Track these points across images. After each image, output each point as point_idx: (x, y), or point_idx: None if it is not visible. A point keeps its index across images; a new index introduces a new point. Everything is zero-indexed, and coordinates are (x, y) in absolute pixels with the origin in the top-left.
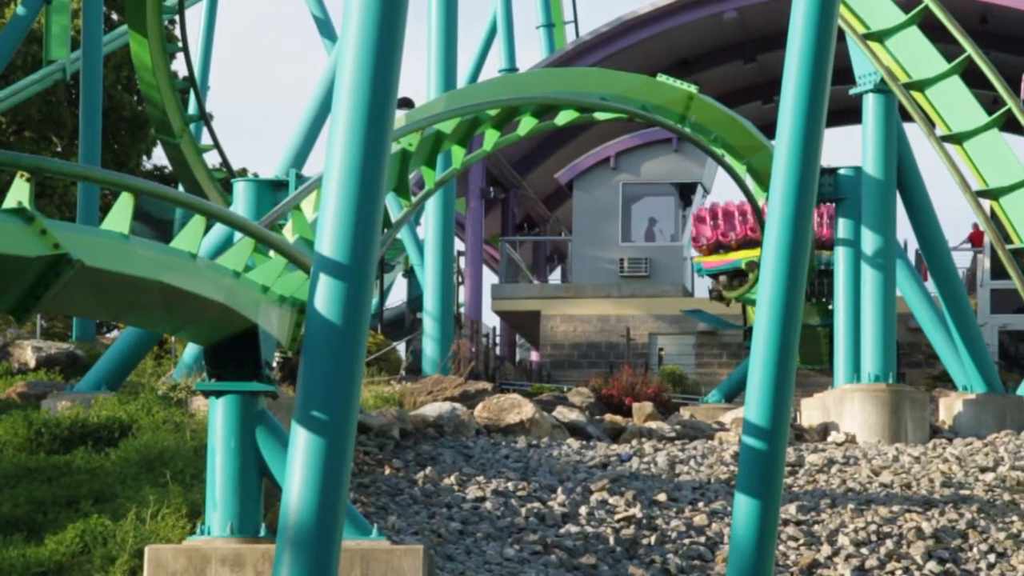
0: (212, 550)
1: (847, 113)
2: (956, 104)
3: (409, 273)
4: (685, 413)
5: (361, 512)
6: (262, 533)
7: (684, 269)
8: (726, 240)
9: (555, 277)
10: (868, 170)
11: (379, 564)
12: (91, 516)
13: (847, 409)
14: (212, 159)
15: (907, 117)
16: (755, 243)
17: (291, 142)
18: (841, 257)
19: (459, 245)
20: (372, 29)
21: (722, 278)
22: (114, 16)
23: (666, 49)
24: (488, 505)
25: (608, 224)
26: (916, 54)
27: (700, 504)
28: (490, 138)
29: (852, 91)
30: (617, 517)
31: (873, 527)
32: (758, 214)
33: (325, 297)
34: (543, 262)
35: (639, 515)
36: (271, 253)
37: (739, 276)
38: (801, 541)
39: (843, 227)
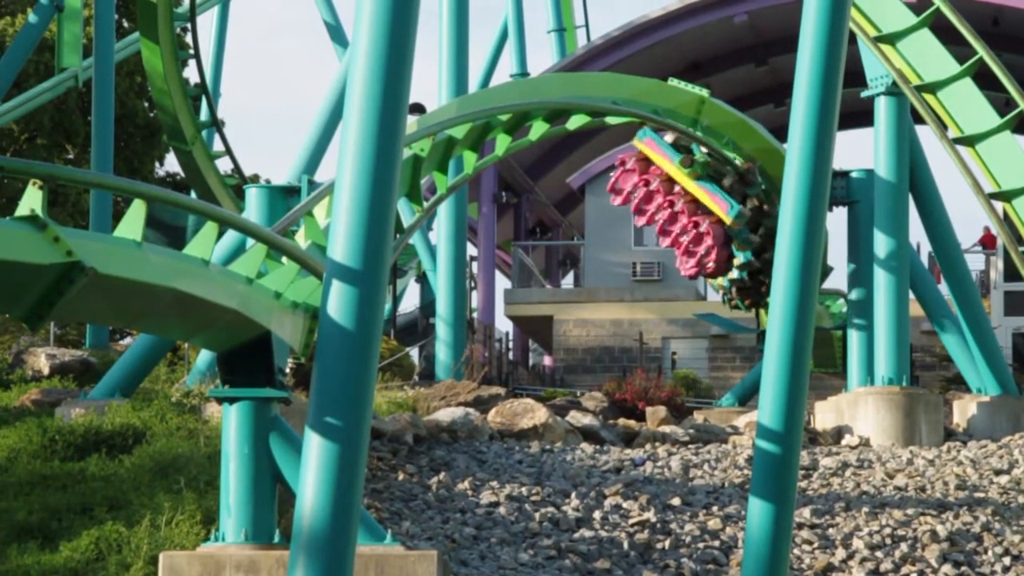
0: (226, 556)
1: (859, 116)
2: (968, 106)
3: (422, 278)
4: (699, 417)
5: (375, 518)
6: (276, 539)
7: None
8: (719, 259)
9: (568, 282)
10: (880, 173)
11: (393, 569)
12: (106, 523)
13: (861, 412)
14: (224, 165)
15: (919, 119)
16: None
17: (303, 148)
18: (854, 260)
19: (471, 250)
20: (383, 35)
21: (754, 261)
22: (125, 24)
23: (677, 53)
24: (502, 510)
25: (620, 228)
26: (928, 56)
27: (714, 508)
28: (502, 143)
29: (864, 94)
30: (631, 521)
31: (888, 530)
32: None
33: (338, 303)
34: (555, 267)
35: (653, 519)
36: (283, 259)
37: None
38: (816, 545)
39: (855, 230)
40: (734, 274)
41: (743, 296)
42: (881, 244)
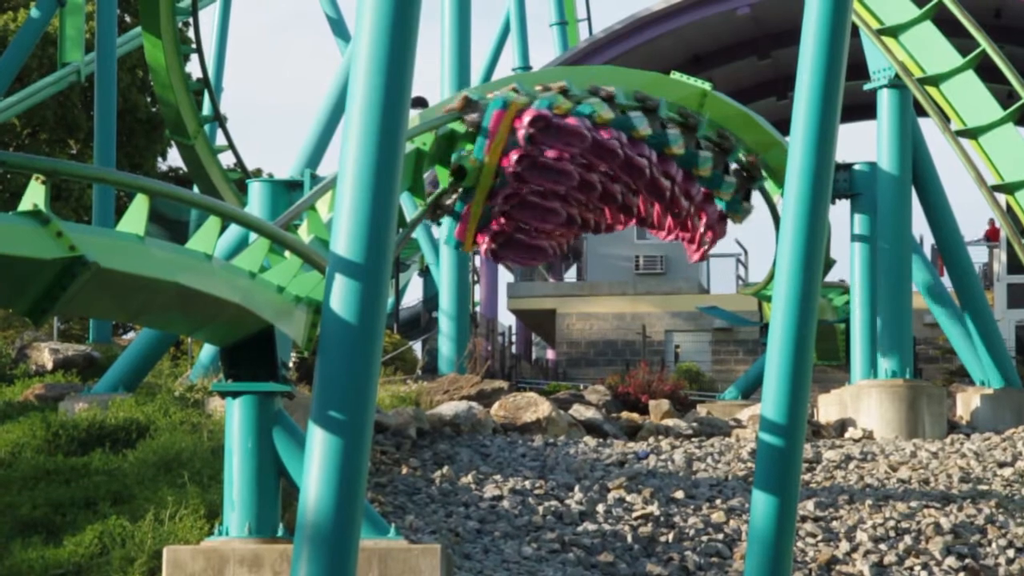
0: (230, 550)
1: (862, 109)
2: (971, 99)
3: (424, 272)
4: (702, 410)
5: (379, 511)
6: (280, 533)
7: (700, 266)
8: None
9: (570, 275)
10: (883, 166)
11: (397, 563)
12: (109, 517)
13: (864, 405)
14: (227, 160)
15: (922, 112)
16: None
17: (305, 142)
18: (857, 253)
19: None
20: (385, 28)
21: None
22: (127, 18)
23: (679, 46)
24: (505, 504)
25: None
26: (930, 49)
27: (718, 501)
28: None
29: (866, 86)
30: (635, 515)
31: (891, 523)
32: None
33: (341, 297)
34: (558, 260)
35: (657, 513)
36: (286, 253)
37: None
38: (819, 537)
39: (858, 223)
40: None
41: None
42: (884, 237)
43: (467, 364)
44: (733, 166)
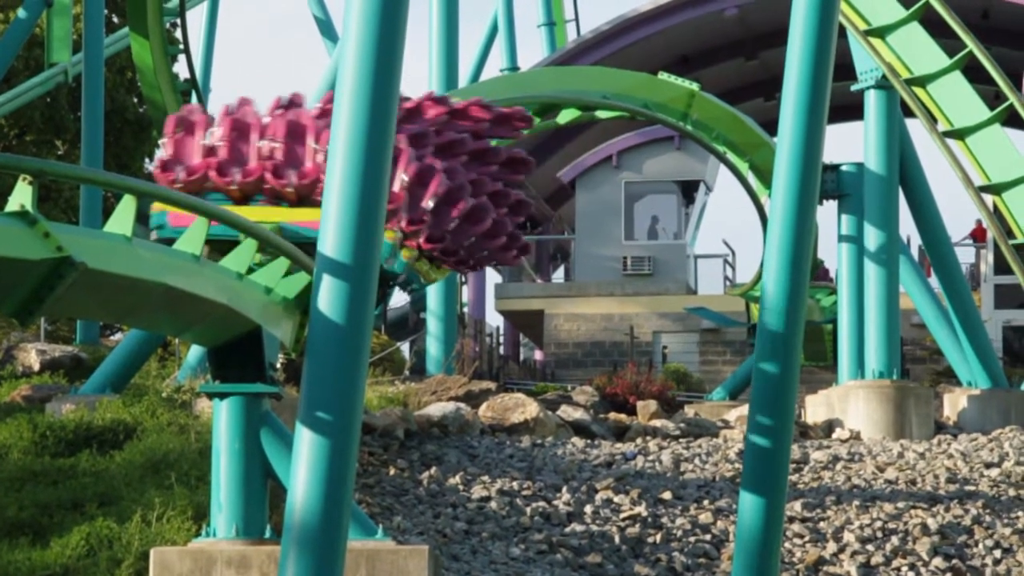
0: (217, 552)
1: (849, 109)
2: (958, 99)
3: None
4: (690, 411)
5: (366, 513)
6: (267, 534)
7: (688, 267)
8: (225, 180)
9: (558, 276)
10: (870, 166)
11: (384, 564)
12: (96, 519)
13: (852, 406)
14: None
15: (909, 113)
16: (283, 198)
17: None
18: (844, 253)
19: None
20: (373, 29)
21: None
22: (115, 19)
23: (667, 47)
24: (493, 505)
25: (611, 222)
26: (917, 50)
27: (705, 502)
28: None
29: (854, 87)
30: (622, 516)
31: (879, 524)
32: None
33: (328, 298)
34: (546, 261)
35: (644, 513)
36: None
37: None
38: (807, 538)
39: (846, 223)
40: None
41: None
42: (871, 238)
43: (455, 365)
44: None
